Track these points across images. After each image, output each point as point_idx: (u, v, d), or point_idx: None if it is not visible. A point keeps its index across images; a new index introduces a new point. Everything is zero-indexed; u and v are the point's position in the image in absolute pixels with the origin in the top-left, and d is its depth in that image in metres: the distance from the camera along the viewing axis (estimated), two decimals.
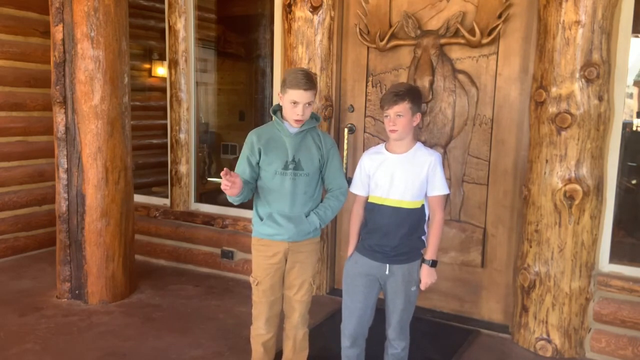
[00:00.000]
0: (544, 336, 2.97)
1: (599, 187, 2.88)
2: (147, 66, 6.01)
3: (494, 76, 3.22)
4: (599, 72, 2.76)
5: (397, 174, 2.22)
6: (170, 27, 4.21)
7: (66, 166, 3.47)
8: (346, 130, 3.62)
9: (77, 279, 3.54)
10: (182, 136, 4.29)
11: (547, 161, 2.90)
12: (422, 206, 2.27)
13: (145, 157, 5.27)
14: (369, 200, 2.32)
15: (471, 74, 3.28)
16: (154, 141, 5.44)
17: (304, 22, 3.52)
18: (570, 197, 2.84)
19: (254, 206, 2.37)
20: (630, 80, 3.05)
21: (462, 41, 3.20)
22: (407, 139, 2.24)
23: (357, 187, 2.34)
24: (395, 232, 2.22)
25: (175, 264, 4.37)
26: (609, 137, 2.88)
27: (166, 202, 4.45)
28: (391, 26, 3.39)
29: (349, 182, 2.39)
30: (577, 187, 2.83)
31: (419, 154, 2.24)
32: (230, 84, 5.82)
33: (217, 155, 5.54)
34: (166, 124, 4.39)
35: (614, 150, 2.91)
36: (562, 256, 2.90)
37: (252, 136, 2.31)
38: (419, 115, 2.24)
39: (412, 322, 2.36)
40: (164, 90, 4.59)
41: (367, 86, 3.59)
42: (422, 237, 2.30)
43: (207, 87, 5.28)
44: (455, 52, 3.29)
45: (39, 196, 4.58)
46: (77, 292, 3.55)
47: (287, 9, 3.56)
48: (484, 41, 3.13)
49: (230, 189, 2.10)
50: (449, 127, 3.36)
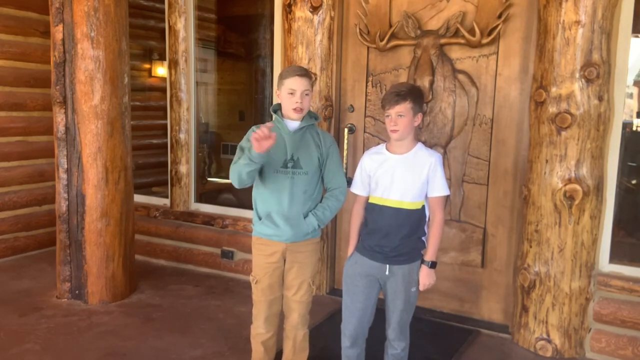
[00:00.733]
0: (544, 336, 2.98)
1: (599, 187, 2.88)
2: (147, 66, 6.00)
3: (494, 76, 3.22)
4: (599, 72, 2.76)
5: (398, 174, 2.22)
6: (170, 27, 4.21)
7: (66, 166, 3.47)
8: (346, 130, 3.62)
9: (77, 279, 3.54)
10: (182, 136, 4.30)
11: (547, 161, 2.90)
12: (423, 207, 2.27)
13: (145, 157, 5.27)
14: (369, 200, 2.31)
15: (471, 74, 3.28)
16: (154, 141, 5.44)
17: (304, 22, 3.52)
18: (570, 197, 2.84)
19: (253, 205, 2.36)
20: (630, 80, 3.05)
21: (462, 41, 3.20)
22: (408, 139, 2.24)
23: (357, 187, 2.34)
24: (395, 233, 2.22)
25: (175, 264, 4.37)
26: (609, 137, 2.88)
27: (166, 202, 4.45)
28: (391, 26, 3.39)
29: (349, 182, 2.39)
30: (577, 187, 2.83)
31: (419, 154, 2.23)
32: (230, 84, 5.82)
33: (217, 155, 5.54)
34: (166, 124, 4.39)
35: (614, 150, 2.91)
36: (562, 256, 2.90)
37: (254, 129, 2.29)
38: (420, 115, 2.24)
39: (412, 322, 2.36)
40: (164, 90, 4.59)
41: (367, 86, 3.59)
42: (423, 238, 2.29)
43: (207, 87, 5.28)
44: (455, 52, 3.29)
45: (39, 196, 4.58)
46: (77, 292, 3.55)
47: (287, 9, 3.57)
48: (484, 41, 3.13)
49: (264, 141, 2.03)
50: (449, 127, 3.36)
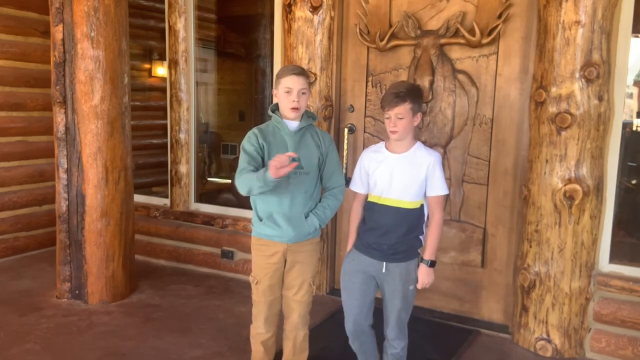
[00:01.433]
0: (544, 336, 2.98)
1: (599, 187, 2.88)
2: (147, 66, 6.00)
3: (494, 76, 3.22)
4: (599, 72, 2.76)
5: (396, 173, 2.22)
6: (170, 27, 4.21)
7: (66, 166, 3.47)
8: (346, 130, 3.62)
9: (77, 279, 3.54)
10: (182, 136, 4.30)
11: (547, 161, 2.90)
12: (421, 206, 2.27)
13: (145, 157, 5.27)
14: (368, 199, 2.32)
15: (471, 74, 3.28)
16: (154, 141, 5.44)
17: (304, 22, 3.52)
18: (570, 197, 2.84)
19: (253, 206, 2.35)
20: (630, 80, 3.05)
21: (462, 41, 3.20)
22: (408, 138, 2.24)
23: (356, 185, 2.35)
24: (393, 232, 2.22)
25: (175, 264, 4.37)
26: (609, 137, 2.88)
27: (166, 202, 4.45)
28: (391, 26, 3.39)
29: (348, 182, 2.39)
30: (577, 187, 2.83)
31: (418, 154, 2.24)
32: (230, 84, 5.82)
33: (217, 155, 5.55)
34: (166, 124, 4.39)
35: (614, 150, 2.91)
36: (562, 256, 2.90)
37: (255, 131, 2.30)
38: (419, 115, 2.24)
39: (412, 322, 2.37)
40: (164, 90, 4.60)
41: (367, 86, 3.59)
42: (420, 237, 2.30)
43: (207, 87, 5.28)
44: (455, 52, 3.29)
45: (39, 196, 4.58)
46: (77, 292, 3.55)
47: (287, 9, 3.56)
48: (484, 41, 3.13)
49: (282, 169, 2.02)
50: (449, 127, 3.36)
